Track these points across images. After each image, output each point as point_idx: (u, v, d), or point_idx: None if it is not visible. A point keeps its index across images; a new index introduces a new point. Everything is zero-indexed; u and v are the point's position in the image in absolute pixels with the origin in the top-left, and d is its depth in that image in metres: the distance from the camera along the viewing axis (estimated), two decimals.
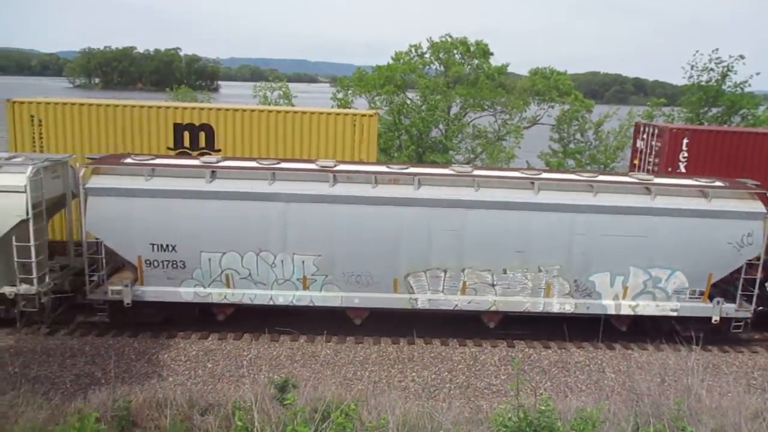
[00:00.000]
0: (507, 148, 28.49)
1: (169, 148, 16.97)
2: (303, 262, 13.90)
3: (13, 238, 13.28)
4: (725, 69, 28.48)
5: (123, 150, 16.71)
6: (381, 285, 14.14)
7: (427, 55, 29.50)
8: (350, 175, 13.96)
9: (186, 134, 16.96)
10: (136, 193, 13.42)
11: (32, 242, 13.33)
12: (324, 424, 5.91)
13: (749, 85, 28.78)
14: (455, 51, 28.86)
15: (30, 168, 13.26)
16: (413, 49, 29.41)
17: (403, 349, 14.37)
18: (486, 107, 29.59)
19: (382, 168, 14.57)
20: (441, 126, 28.54)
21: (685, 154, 18.47)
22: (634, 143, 20.94)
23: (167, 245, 13.61)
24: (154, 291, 13.98)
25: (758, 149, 18.83)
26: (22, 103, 16.61)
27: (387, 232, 13.82)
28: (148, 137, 16.90)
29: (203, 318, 14.77)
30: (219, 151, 17.02)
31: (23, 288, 13.63)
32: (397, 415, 8.02)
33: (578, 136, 29.59)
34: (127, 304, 13.91)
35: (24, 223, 13.26)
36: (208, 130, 16.98)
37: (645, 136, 20.09)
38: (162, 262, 13.75)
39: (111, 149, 16.66)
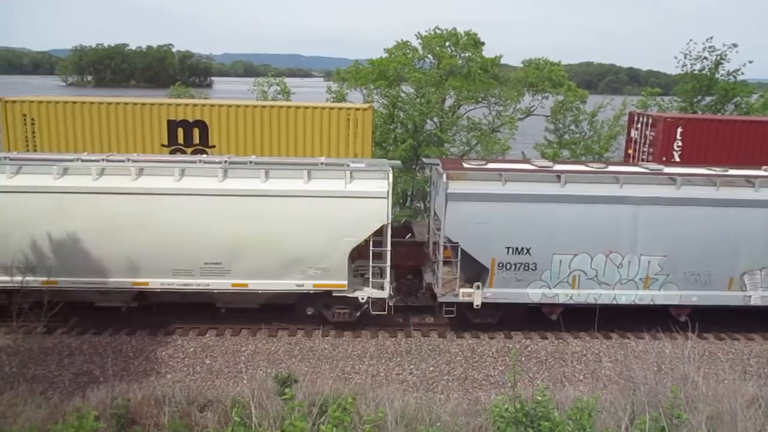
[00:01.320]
0: (502, 139, 28.44)
1: (163, 145, 16.94)
2: (649, 262, 14.29)
3: (371, 242, 13.87)
4: (718, 57, 28.47)
5: (116, 148, 16.66)
6: (717, 283, 14.51)
7: (419, 50, 29.39)
8: (690, 179, 14.35)
9: (180, 131, 16.93)
10: (494, 198, 13.86)
11: (389, 247, 13.88)
12: (322, 418, 5.94)
13: (742, 74, 28.78)
14: (447, 43, 28.76)
15: (390, 174, 13.87)
16: (404, 45, 29.30)
17: (400, 342, 14.41)
18: (480, 99, 29.50)
19: (718, 170, 14.96)
20: (435, 119, 28.48)
21: (680, 143, 18.54)
22: (629, 133, 21.00)
23: (522, 248, 14.03)
24: (503, 293, 14.33)
25: (752, 137, 18.91)
26: (14, 102, 16.56)
27: (728, 232, 14.20)
28: (141, 134, 16.87)
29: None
30: (213, 147, 17.00)
31: (375, 292, 14.27)
32: (396, 407, 8.06)
33: (573, 126, 29.56)
34: (477, 306, 14.31)
35: (383, 227, 13.72)
36: (202, 126, 16.94)
37: (639, 125, 20.14)
38: (515, 264, 14.11)
39: (105, 147, 16.63)
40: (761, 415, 7.43)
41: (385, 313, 14.48)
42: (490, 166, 15.09)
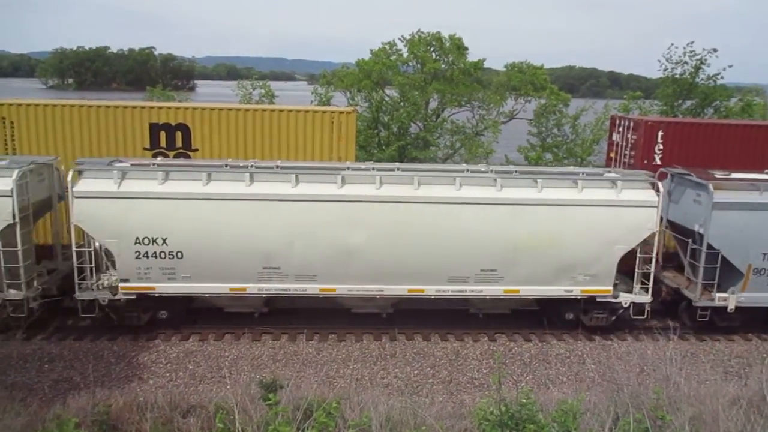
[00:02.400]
0: (485, 143, 28.60)
1: (145, 149, 16.78)
2: None
3: (638, 249, 14.28)
4: (698, 62, 28.85)
5: (98, 151, 16.48)
6: None
7: (404, 53, 29.49)
8: None
9: (162, 134, 16.78)
10: (754, 207, 14.34)
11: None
12: (306, 422, 5.90)
13: (722, 78, 29.20)
14: (430, 47, 28.89)
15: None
16: (389, 47, 29.39)
17: (385, 345, 14.39)
18: (463, 103, 29.66)
19: None
20: (419, 122, 28.57)
21: (661, 147, 18.71)
22: (611, 136, 21.14)
23: None
24: (756, 297, 14.86)
25: (731, 140, 19.15)
26: None
27: None
28: (123, 138, 16.69)
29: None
30: (196, 150, 16.88)
31: (637, 297, 14.73)
32: (380, 411, 8.03)
33: (556, 130, 29.80)
34: (731, 309, 14.80)
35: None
36: (185, 129, 16.81)
37: (621, 129, 20.29)
38: None
39: (86, 151, 16.43)
40: (742, 416, 7.50)
41: (644, 317, 14.98)
42: (736, 176, 15.49)
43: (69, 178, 13.34)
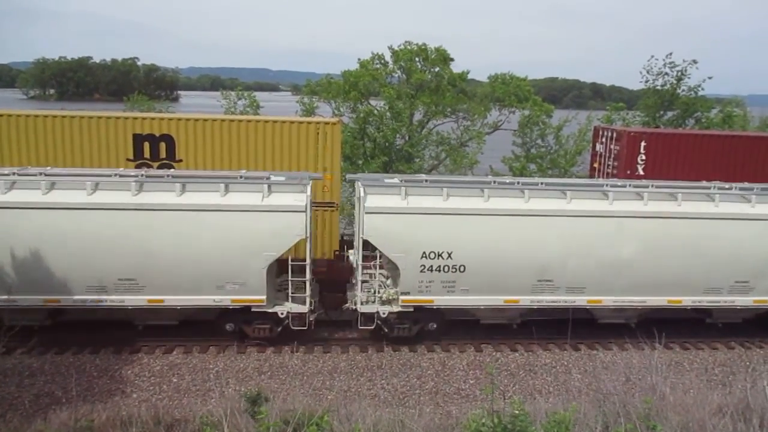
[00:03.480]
0: (470, 154, 28.71)
1: (128, 160, 16.62)
2: None
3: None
4: (679, 73, 29.26)
5: (80, 162, 16.31)
6: None
7: (390, 64, 29.59)
8: None
9: (146, 145, 16.63)
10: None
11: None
12: None
13: (702, 89, 29.63)
14: (416, 59, 29.01)
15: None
16: (376, 58, 29.47)
17: (371, 357, 14.32)
18: (448, 114, 29.79)
19: None
20: (405, 134, 28.63)
21: (643, 157, 18.92)
22: (594, 147, 21.36)
23: None
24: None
25: (712, 150, 19.41)
26: None
27: None
28: (107, 149, 16.52)
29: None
30: (180, 161, 16.76)
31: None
32: (368, 423, 7.97)
33: (539, 140, 30.00)
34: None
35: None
36: (169, 140, 16.68)
37: (604, 139, 20.50)
38: None
39: (68, 162, 16.25)
40: (729, 424, 7.54)
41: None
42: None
43: (361, 193, 13.75)
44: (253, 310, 14.02)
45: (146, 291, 13.44)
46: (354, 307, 14.48)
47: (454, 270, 13.84)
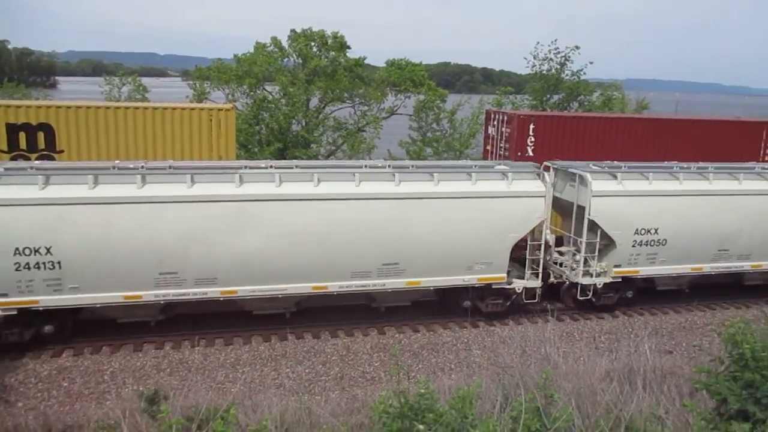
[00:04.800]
0: (368, 138, 28.87)
1: (2, 151, 15.40)
2: None
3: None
4: (563, 58, 30.76)
5: None
6: None
7: (287, 48, 29.08)
8: None
9: (22, 135, 15.46)
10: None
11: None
12: None
13: (584, 74, 31.33)
14: (313, 43, 28.71)
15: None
16: (273, 42, 28.87)
17: (275, 346, 14.16)
18: (345, 99, 29.76)
19: None
20: (302, 120, 28.32)
21: (533, 139, 19.74)
22: (486, 130, 22.03)
23: None
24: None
25: (596, 131, 20.58)
26: None
27: None
28: None
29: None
30: (62, 152, 15.72)
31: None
32: (275, 413, 7.88)
33: (435, 124, 30.64)
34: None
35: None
36: (48, 130, 15.59)
37: (496, 123, 21.19)
38: None
39: None
40: (616, 387, 8.08)
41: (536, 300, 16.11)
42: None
43: (589, 180, 15.21)
44: (493, 287, 15.30)
45: (406, 274, 14.33)
46: (569, 281, 16.29)
47: (657, 244, 15.90)
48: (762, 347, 6.25)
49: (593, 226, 15.51)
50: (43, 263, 12.22)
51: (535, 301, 15.89)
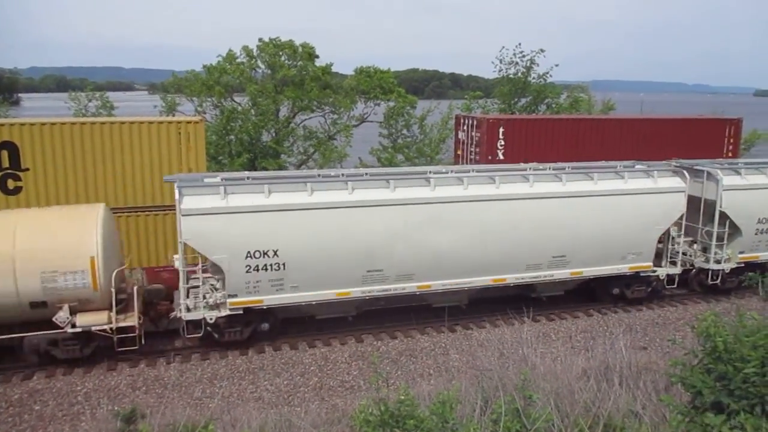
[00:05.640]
0: (339, 147, 28.86)
1: None
2: None
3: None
4: (528, 62, 31.13)
5: None
6: None
7: (255, 58, 28.95)
8: None
9: None
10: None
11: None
12: None
13: (551, 76, 31.74)
14: (281, 53, 28.63)
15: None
16: (243, 51, 28.71)
17: (252, 359, 14.02)
18: (314, 108, 29.72)
19: None
20: (272, 130, 28.20)
21: (502, 142, 19.93)
22: (457, 135, 22.19)
23: None
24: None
25: (564, 133, 20.86)
26: None
27: None
28: None
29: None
30: (27, 170, 15.38)
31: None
32: (254, 427, 7.80)
33: (405, 131, 30.76)
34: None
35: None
36: (12, 148, 15.22)
37: (465, 127, 21.36)
38: None
39: None
40: (594, 385, 8.15)
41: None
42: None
43: (719, 176, 16.84)
44: (641, 275, 16.94)
45: (571, 265, 16.00)
46: (697, 267, 17.89)
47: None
48: (734, 339, 6.35)
49: (722, 218, 17.15)
50: (270, 265, 13.28)
51: (674, 286, 17.51)
